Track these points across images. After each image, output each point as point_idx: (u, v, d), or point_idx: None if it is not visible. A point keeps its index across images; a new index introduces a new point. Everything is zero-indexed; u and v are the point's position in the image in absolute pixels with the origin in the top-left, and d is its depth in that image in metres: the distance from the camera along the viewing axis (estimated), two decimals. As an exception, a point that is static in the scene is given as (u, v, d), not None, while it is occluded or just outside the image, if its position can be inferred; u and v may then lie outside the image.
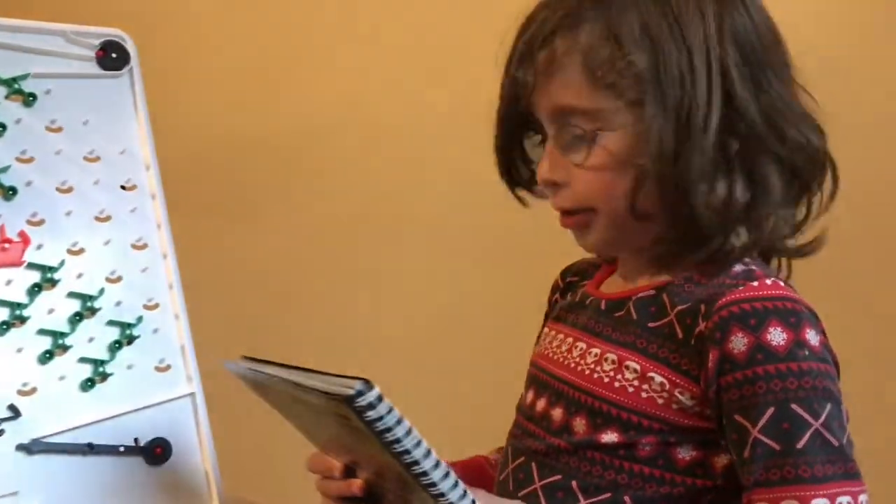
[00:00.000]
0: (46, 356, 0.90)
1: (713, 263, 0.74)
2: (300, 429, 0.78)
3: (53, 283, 0.91)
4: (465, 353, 1.49)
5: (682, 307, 0.73)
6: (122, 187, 0.98)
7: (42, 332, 0.90)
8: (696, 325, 0.71)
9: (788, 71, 0.77)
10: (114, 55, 0.98)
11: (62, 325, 0.91)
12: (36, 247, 0.91)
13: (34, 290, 0.90)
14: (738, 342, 0.68)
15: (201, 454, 0.97)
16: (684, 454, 0.72)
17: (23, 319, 0.89)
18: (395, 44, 1.55)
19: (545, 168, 0.77)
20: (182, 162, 1.11)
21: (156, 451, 0.94)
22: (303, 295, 1.66)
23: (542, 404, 0.80)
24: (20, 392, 0.88)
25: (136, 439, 0.94)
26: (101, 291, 0.94)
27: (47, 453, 0.88)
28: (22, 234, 0.90)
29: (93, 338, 0.93)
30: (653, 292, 0.76)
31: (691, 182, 0.71)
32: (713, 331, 0.70)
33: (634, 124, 0.72)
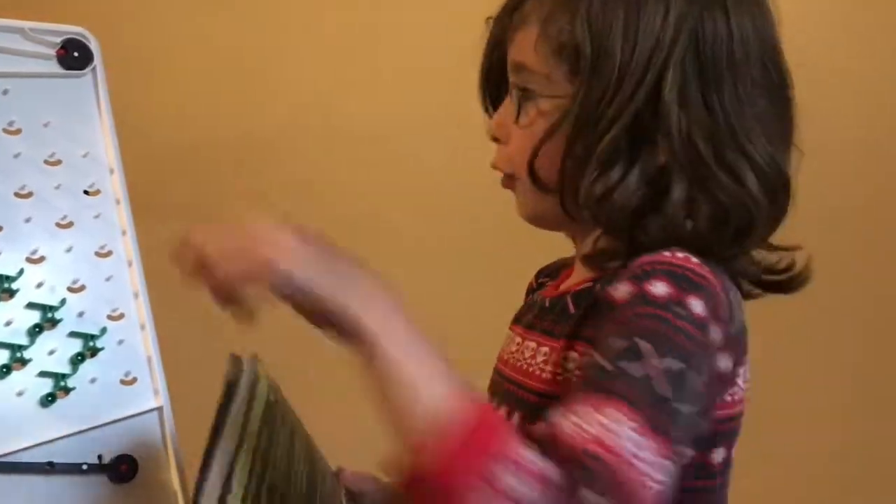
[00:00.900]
0: (3, 371, 0.85)
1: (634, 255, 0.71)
2: None
3: (11, 293, 0.87)
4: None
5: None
6: (86, 192, 0.93)
7: (-1, 344, 0.86)
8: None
9: (759, 95, 0.74)
10: (76, 53, 0.94)
11: (20, 338, 0.87)
12: (-8, 255, 0.86)
13: (-9, 301, 0.85)
14: (622, 289, 0.67)
15: (169, 471, 0.93)
16: None
17: (-22, 332, 0.84)
18: (369, 43, 1.52)
19: (493, 121, 0.81)
20: (148, 165, 1.06)
21: (121, 468, 0.90)
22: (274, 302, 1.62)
23: (502, 411, 0.80)
24: (-25, 409, 0.83)
25: (99, 456, 0.89)
26: (63, 302, 0.89)
27: (5, 473, 0.84)
28: (-24, 242, 0.85)
29: (53, 350, 0.88)
30: (589, 284, 0.76)
31: (581, 161, 0.72)
32: (605, 282, 0.70)
33: (565, 96, 0.74)
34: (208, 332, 1.60)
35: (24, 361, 0.86)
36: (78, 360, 0.90)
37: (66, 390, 0.88)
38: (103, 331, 0.91)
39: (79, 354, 0.90)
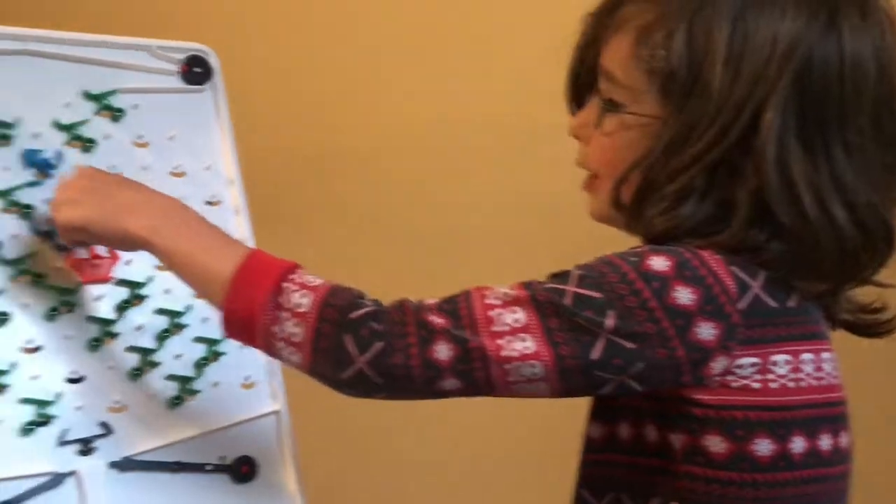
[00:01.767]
0: (136, 373, 0.89)
1: None
2: None
3: (142, 299, 0.91)
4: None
5: None
6: (207, 203, 0.97)
7: (131, 349, 0.89)
8: None
9: (870, 140, 0.68)
10: (197, 70, 0.98)
11: (150, 342, 0.90)
12: (124, 263, 0.90)
13: (123, 307, 0.89)
14: None
15: (286, 473, 0.96)
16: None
17: (112, 336, 0.88)
18: (466, 56, 1.54)
19: (575, 120, 0.80)
20: (261, 176, 1.10)
21: (242, 469, 0.93)
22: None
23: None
24: (111, 409, 0.87)
25: (222, 457, 0.93)
26: (188, 308, 0.93)
27: (137, 471, 0.87)
28: (111, 251, 0.89)
29: (180, 355, 0.92)
30: None
31: (655, 190, 0.70)
32: None
33: (652, 118, 0.72)
34: None
35: (153, 364, 0.90)
36: (202, 363, 0.93)
37: (192, 393, 0.92)
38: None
39: (203, 358, 0.93)
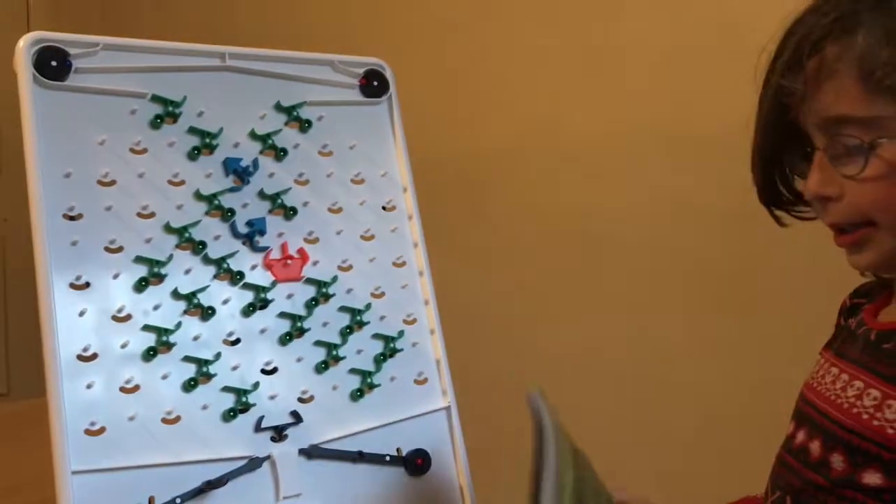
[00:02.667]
0: (322, 366, 0.95)
1: None
2: None
3: (328, 297, 0.96)
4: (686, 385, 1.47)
5: None
6: (384, 208, 1.03)
7: (318, 343, 0.95)
8: None
9: None
10: (375, 83, 1.04)
11: (335, 338, 0.96)
12: (312, 263, 0.96)
13: (312, 304, 0.95)
14: None
15: (456, 468, 1.00)
16: None
17: (302, 331, 0.94)
18: (592, 63, 1.57)
19: (815, 181, 0.74)
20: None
21: (417, 461, 0.98)
22: (514, 318, 1.69)
23: (801, 436, 0.77)
24: (300, 399, 0.93)
25: (398, 449, 0.97)
26: (368, 306, 0.99)
27: (323, 459, 0.93)
28: (301, 252, 0.96)
29: (361, 350, 0.97)
30: None
31: None
32: None
33: None
34: (492, 338, 1.69)
35: (338, 359, 0.96)
36: (381, 359, 0.98)
37: (372, 387, 0.97)
38: (400, 334, 1.00)
39: (381, 354, 0.98)
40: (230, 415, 0.89)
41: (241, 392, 0.89)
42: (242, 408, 0.89)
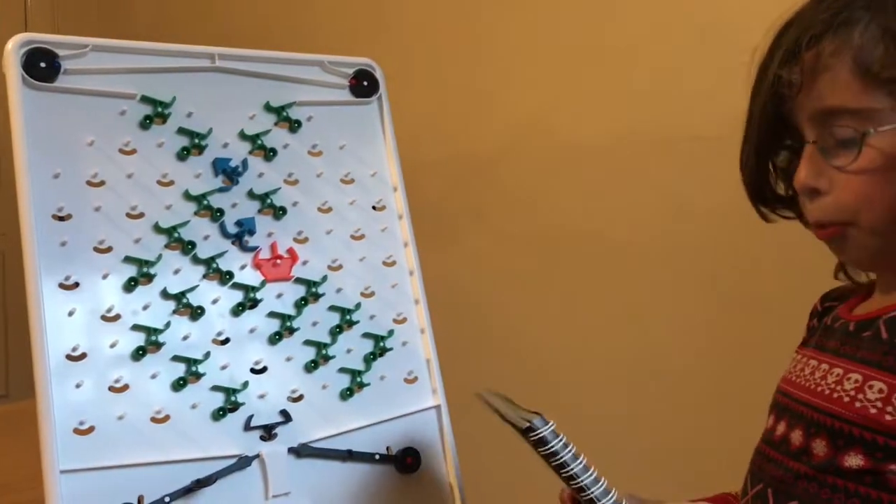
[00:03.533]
0: (312, 365, 0.95)
1: None
2: None
3: (317, 296, 0.97)
4: (683, 386, 1.47)
5: None
6: (374, 208, 1.03)
7: (308, 342, 0.95)
8: None
9: None
10: (365, 83, 1.05)
11: (324, 337, 0.97)
12: (302, 263, 0.97)
13: (301, 304, 0.96)
14: None
15: (446, 466, 1.00)
16: None
17: (292, 331, 0.95)
18: (592, 61, 1.57)
19: (805, 173, 0.74)
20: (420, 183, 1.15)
21: (407, 460, 0.98)
22: (506, 316, 1.69)
23: (781, 428, 0.78)
24: (290, 398, 0.93)
25: (388, 448, 0.98)
26: (358, 306, 0.99)
27: (312, 457, 0.93)
28: (290, 251, 0.96)
29: (350, 349, 0.98)
30: None
31: None
32: None
33: None
34: (482, 337, 1.70)
35: (327, 358, 0.96)
36: (370, 358, 0.99)
37: (361, 386, 0.98)
38: (390, 333, 1.00)
39: (371, 353, 0.99)
40: (219, 414, 0.89)
41: (230, 391, 0.90)
42: (232, 407, 0.90)
